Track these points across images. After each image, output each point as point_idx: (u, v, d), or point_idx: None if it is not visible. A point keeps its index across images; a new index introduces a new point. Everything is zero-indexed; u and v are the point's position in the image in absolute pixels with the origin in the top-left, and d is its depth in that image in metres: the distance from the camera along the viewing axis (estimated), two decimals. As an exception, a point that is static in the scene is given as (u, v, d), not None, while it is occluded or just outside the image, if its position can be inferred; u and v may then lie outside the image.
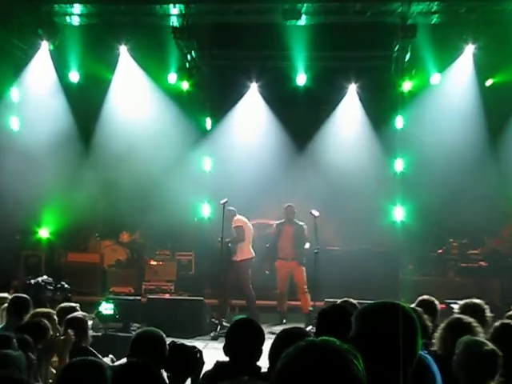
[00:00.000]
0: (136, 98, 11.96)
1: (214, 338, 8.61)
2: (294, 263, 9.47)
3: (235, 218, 9.61)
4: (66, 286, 8.50)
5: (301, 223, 9.59)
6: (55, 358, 4.08)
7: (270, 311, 10.16)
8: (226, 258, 9.44)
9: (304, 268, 9.48)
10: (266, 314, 9.72)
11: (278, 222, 9.82)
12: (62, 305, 5.25)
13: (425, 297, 5.10)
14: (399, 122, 11.79)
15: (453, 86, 11.42)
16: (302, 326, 7.87)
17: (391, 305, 2.00)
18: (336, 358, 1.45)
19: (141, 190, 11.66)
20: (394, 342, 1.87)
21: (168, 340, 3.49)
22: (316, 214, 9.17)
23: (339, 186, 11.52)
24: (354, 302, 4.50)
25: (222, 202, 9.34)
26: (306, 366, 1.43)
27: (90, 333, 4.70)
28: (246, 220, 9.79)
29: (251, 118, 12.50)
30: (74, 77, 11.79)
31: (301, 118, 12.07)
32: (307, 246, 9.58)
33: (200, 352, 3.32)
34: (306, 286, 9.34)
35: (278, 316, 9.80)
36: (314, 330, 3.35)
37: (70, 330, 4.14)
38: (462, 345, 3.33)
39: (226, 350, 3.37)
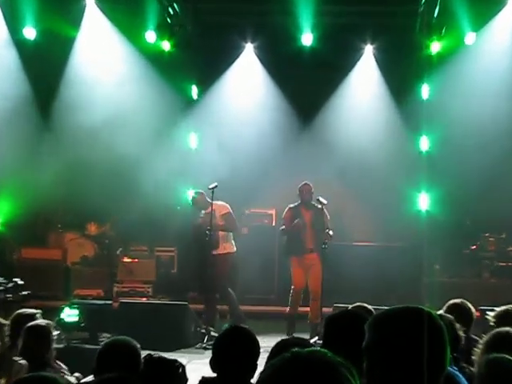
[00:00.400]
0: (106, 61, 11.93)
1: (200, 351, 8.64)
2: (314, 256, 9.23)
3: (219, 204, 9.57)
4: (20, 283, 8.48)
5: (319, 205, 9.20)
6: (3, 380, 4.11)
7: (267, 319, 10.23)
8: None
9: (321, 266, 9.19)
10: (262, 321, 9.76)
11: (291, 205, 9.55)
12: (20, 311, 5.27)
13: (457, 301, 5.07)
14: (425, 91, 11.84)
15: (491, 48, 11.43)
16: (306, 336, 7.88)
17: (414, 310, 1.99)
18: (325, 371, 1.47)
19: (113, 171, 11.65)
20: (416, 355, 1.87)
21: (144, 353, 3.53)
22: (324, 201, 9.15)
23: (351, 167, 11.62)
24: (370, 307, 4.50)
25: (211, 186, 9.36)
26: (290, 380, 1.45)
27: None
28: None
29: (246, 85, 12.50)
30: (30, 33, 11.65)
31: (306, 85, 12.03)
32: (331, 232, 9.17)
33: (182, 367, 3.34)
34: (320, 290, 9.07)
35: (276, 325, 9.69)
36: (321, 342, 3.36)
37: (22, 361, 4.12)
38: (486, 362, 3.31)
39: (213, 365, 3.38)
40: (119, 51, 11.95)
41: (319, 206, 9.19)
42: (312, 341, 7.76)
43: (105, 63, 11.94)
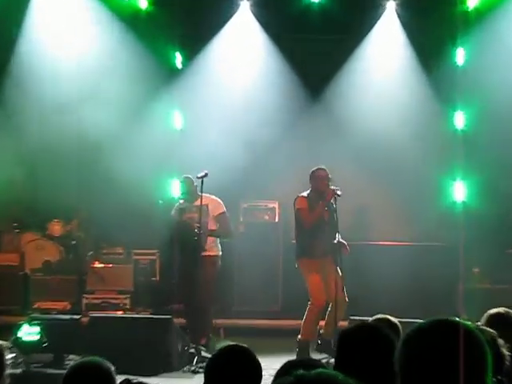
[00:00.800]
0: (70, 21, 11.87)
1: (189, 375, 8.59)
2: (329, 260, 9.09)
3: (213, 199, 9.54)
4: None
5: (339, 192, 9.06)
6: None
7: (270, 335, 10.27)
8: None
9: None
10: (263, 339, 9.77)
11: (303, 194, 9.34)
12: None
13: (500, 310, 4.96)
14: (460, 56, 11.82)
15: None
16: (316, 357, 7.97)
17: (448, 323, 2.02)
18: None
19: (81, 159, 11.70)
20: (452, 376, 1.89)
21: (120, 378, 3.52)
22: (339, 192, 9.08)
23: (371, 150, 11.64)
24: (394, 320, 4.49)
25: (200, 175, 9.33)
26: None
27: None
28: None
29: (241, 51, 12.48)
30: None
31: (314, 49, 12.07)
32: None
33: None
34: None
35: (281, 343, 9.65)
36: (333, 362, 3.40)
37: None
38: None
39: None
40: (86, 9, 11.92)
41: (339, 192, 9.04)
42: (324, 360, 7.72)
43: (68, 24, 11.88)
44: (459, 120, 11.92)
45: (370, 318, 4.65)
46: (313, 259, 9.14)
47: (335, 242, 8.95)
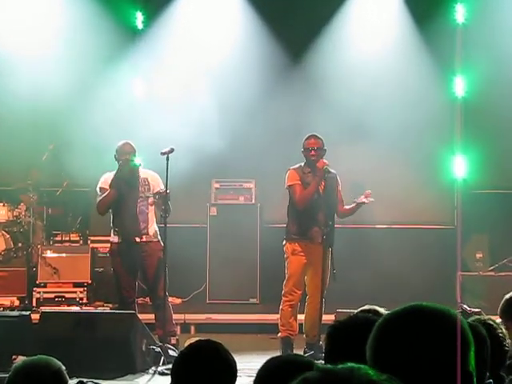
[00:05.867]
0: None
1: (154, 377, 8.51)
2: (320, 245, 8.98)
3: (152, 174, 9.41)
4: None
5: (333, 170, 9.06)
6: None
7: (246, 331, 10.30)
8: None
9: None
10: (238, 335, 9.89)
11: (294, 166, 9.23)
12: None
13: (507, 296, 5.09)
14: (460, 13, 11.81)
15: None
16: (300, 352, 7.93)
17: (439, 312, 2.10)
18: None
19: (30, 128, 11.71)
20: (422, 366, 2.00)
21: (74, 381, 3.63)
22: (332, 170, 9.06)
23: (359, 119, 11.59)
24: (382, 310, 4.35)
25: (165, 150, 9.19)
26: None
27: None
28: None
29: (211, 10, 12.43)
30: None
31: (296, 9, 12.07)
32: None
33: None
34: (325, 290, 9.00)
35: (259, 339, 9.84)
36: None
37: None
38: None
39: None
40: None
41: (332, 171, 9.01)
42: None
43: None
44: (459, 86, 11.92)
45: (358, 309, 4.51)
46: (290, 242, 9.13)
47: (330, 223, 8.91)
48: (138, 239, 9.26)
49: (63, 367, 3.59)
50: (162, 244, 9.24)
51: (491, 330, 3.86)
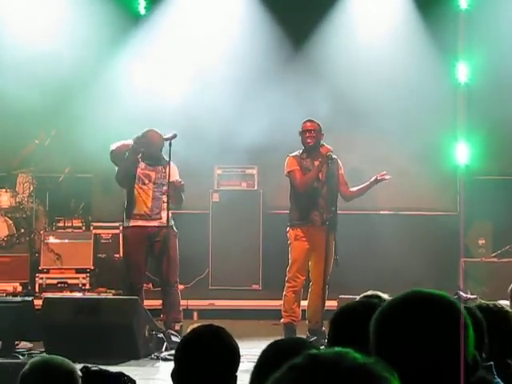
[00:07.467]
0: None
1: (157, 363, 8.55)
2: (323, 230, 9.09)
3: (173, 166, 9.43)
4: None
5: (334, 155, 9.09)
6: None
7: (249, 317, 10.34)
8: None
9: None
10: (241, 321, 9.87)
11: (293, 153, 9.32)
12: None
13: None
14: (463, -2, 11.71)
15: None
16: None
17: (439, 298, 2.12)
18: None
19: (31, 114, 11.63)
20: (421, 352, 2.03)
21: (79, 367, 3.56)
22: (333, 156, 9.10)
23: (362, 105, 11.60)
24: (385, 295, 4.46)
25: (168, 136, 9.27)
26: None
27: None
28: None
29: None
30: None
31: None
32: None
33: (131, 382, 3.41)
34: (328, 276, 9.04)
35: (261, 325, 9.87)
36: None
37: None
38: None
39: (177, 379, 3.38)
40: None
41: (334, 156, 9.05)
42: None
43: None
44: (462, 72, 11.91)
45: (360, 296, 4.50)
46: (294, 227, 9.21)
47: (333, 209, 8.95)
48: (151, 224, 9.35)
49: (78, 371, 3.55)
50: (176, 230, 9.36)
51: (498, 314, 3.89)
